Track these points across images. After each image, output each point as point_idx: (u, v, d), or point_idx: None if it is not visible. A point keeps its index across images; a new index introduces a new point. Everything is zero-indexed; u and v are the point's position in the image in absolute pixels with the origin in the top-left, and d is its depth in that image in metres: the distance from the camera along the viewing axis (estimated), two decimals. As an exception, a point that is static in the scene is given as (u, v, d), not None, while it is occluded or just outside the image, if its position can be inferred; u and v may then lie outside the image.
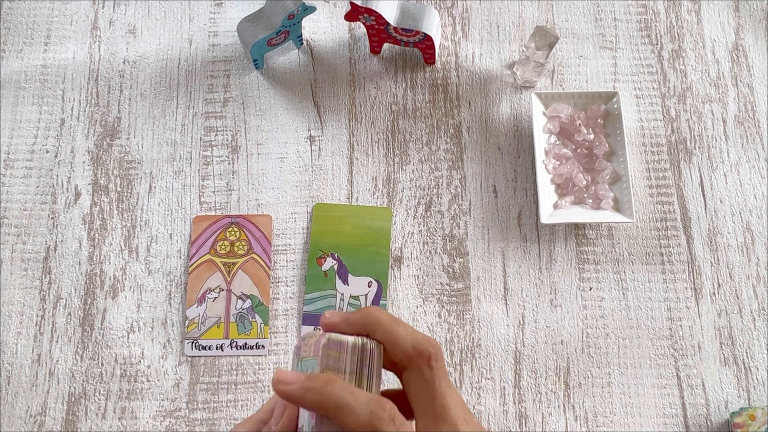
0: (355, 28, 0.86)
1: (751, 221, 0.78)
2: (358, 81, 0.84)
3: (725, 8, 0.87)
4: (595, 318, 0.75)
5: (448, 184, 0.79)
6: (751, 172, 0.80)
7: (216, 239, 0.77)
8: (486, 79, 0.84)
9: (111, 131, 0.82)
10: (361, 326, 0.39)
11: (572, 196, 0.77)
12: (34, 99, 0.83)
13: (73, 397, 0.72)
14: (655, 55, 0.84)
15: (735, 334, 0.74)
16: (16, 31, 0.86)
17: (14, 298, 0.75)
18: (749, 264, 0.76)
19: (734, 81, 0.83)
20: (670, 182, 0.79)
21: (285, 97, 0.83)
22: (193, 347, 0.74)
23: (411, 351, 0.38)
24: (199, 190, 0.79)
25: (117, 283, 0.76)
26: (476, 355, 0.73)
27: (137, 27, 0.86)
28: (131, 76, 0.84)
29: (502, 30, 0.86)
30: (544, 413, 0.71)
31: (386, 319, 0.39)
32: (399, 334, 0.39)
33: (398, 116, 0.82)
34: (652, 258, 0.77)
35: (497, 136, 0.81)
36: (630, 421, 0.71)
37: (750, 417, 0.68)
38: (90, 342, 0.74)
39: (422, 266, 0.76)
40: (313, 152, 0.81)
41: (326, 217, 0.78)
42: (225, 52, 0.85)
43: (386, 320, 0.39)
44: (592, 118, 0.79)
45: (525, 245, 0.77)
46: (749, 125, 0.82)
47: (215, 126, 0.82)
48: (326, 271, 0.76)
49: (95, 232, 0.78)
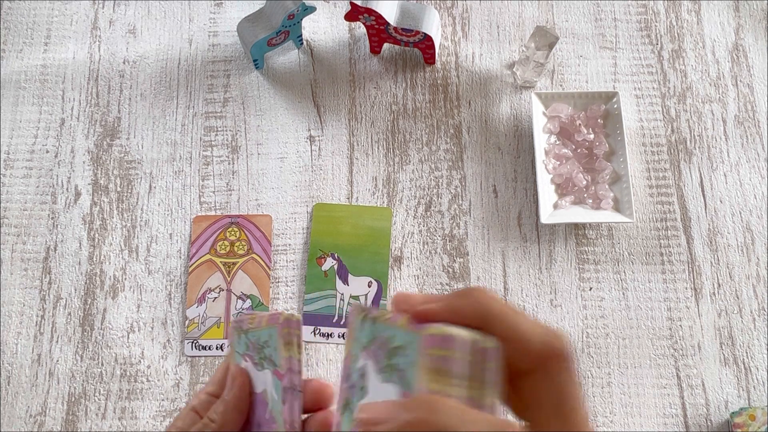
0: (355, 28, 0.86)
1: (751, 221, 0.78)
2: (358, 81, 0.84)
3: (725, 8, 0.87)
4: (595, 318, 0.75)
5: (448, 184, 0.79)
6: (751, 172, 0.80)
7: (216, 239, 0.77)
8: (486, 79, 0.84)
9: (111, 131, 0.82)
10: (471, 317, 0.30)
11: (572, 196, 0.77)
12: (34, 99, 0.83)
13: (73, 397, 0.72)
14: (655, 55, 0.84)
15: (735, 334, 0.74)
16: (16, 31, 0.86)
17: (14, 298, 0.75)
18: (749, 264, 0.76)
19: (734, 81, 0.83)
20: (670, 182, 0.79)
21: (285, 97, 0.83)
22: (193, 347, 0.74)
23: (541, 351, 0.30)
24: (199, 190, 0.79)
25: (117, 283, 0.76)
26: (476, 355, 0.73)
27: (137, 27, 0.86)
28: (131, 76, 0.84)
29: (502, 30, 0.86)
30: (544, 413, 0.71)
31: (504, 310, 0.30)
32: (524, 330, 0.30)
33: (398, 116, 0.82)
34: (652, 258, 0.76)
35: (497, 136, 0.81)
36: (630, 421, 0.71)
37: (750, 417, 0.68)
38: (90, 342, 0.74)
39: (422, 266, 0.76)
40: (313, 152, 0.81)
41: (326, 217, 0.78)
42: (225, 52, 0.85)
43: (505, 311, 0.30)
44: (592, 118, 0.79)
45: (525, 245, 0.77)
46: (749, 125, 0.81)
47: (215, 126, 0.82)
48: (326, 271, 0.76)
49: (95, 232, 0.78)
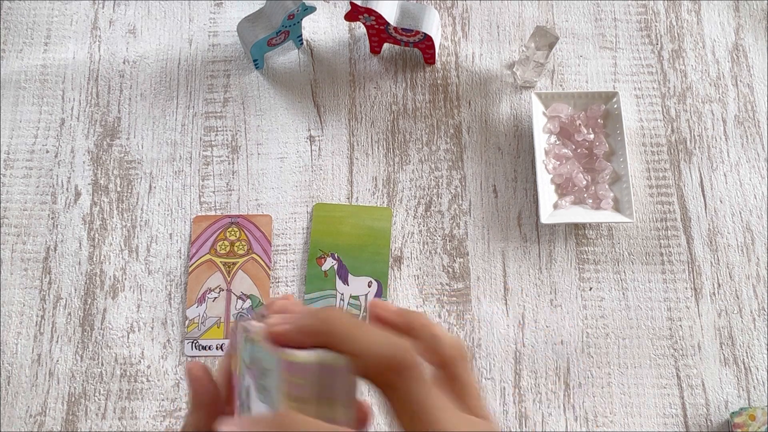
0: (355, 28, 0.86)
1: (751, 221, 0.78)
2: (358, 81, 0.84)
3: (725, 8, 0.87)
4: (595, 318, 0.75)
5: (448, 184, 0.79)
6: (751, 172, 0.80)
7: (216, 239, 0.77)
8: (486, 79, 0.84)
9: (111, 131, 0.82)
10: (318, 336, 0.30)
11: (572, 196, 0.77)
12: (34, 99, 0.83)
13: (73, 397, 0.72)
14: (655, 55, 0.84)
15: (735, 334, 0.74)
16: (16, 31, 0.86)
17: (14, 298, 0.75)
18: (749, 264, 0.76)
19: (734, 81, 0.83)
20: (670, 182, 0.79)
21: (285, 97, 0.83)
22: (193, 347, 0.74)
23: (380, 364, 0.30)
24: (199, 190, 0.79)
25: (117, 283, 0.76)
26: (476, 355, 0.73)
27: (137, 27, 0.86)
28: (131, 76, 0.84)
29: (502, 30, 0.86)
30: (544, 413, 0.71)
31: (347, 327, 0.30)
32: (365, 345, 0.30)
33: (398, 116, 0.82)
34: (652, 258, 0.76)
35: (497, 136, 0.81)
36: (630, 421, 0.71)
37: (750, 417, 0.68)
38: (90, 342, 0.74)
39: (422, 266, 0.76)
40: (313, 152, 0.81)
41: (326, 217, 0.78)
42: (225, 52, 0.85)
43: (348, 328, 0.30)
44: (592, 118, 0.79)
45: (525, 245, 0.77)
46: (749, 125, 0.81)
47: (215, 126, 0.82)
48: (326, 271, 0.76)
49: (95, 232, 0.78)
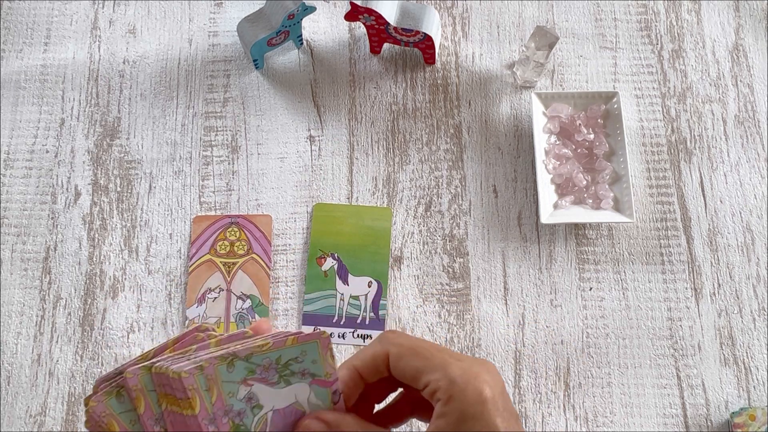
0: (355, 28, 0.86)
1: (751, 221, 0.78)
2: (358, 81, 0.84)
3: (725, 8, 0.87)
4: (595, 318, 0.75)
5: (448, 184, 0.79)
6: (751, 172, 0.80)
7: (216, 239, 0.77)
8: (486, 79, 0.84)
9: (111, 131, 0.82)
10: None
11: (572, 196, 0.77)
12: (34, 99, 0.83)
13: (73, 397, 0.72)
14: (655, 55, 0.84)
15: (735, 334, 0.74)
16: (16, 31, 0.86)
17: (14, 298, 0.75)
18: (749, 264, 0.76)
19: (734, 81, 0.83)
20: (670, 182, 0.79)
21: (285, 97, 0.83)
22: (193, 347, 0.73)
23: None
24: (199, 190, 0.79)
25: (117, 283, 0.76)
26: (476, 355, 0.73)
27: (137, 27, 0.86)
28: (131, 76, 0.84)
29: (502, 30, 0.86)
30: (544, 413, 0.71)
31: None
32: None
33: (398, 116, 0.82)
34: (652, 258, 0.76)
35: (497, 136, 0.81)
36: (630, 421, 0.71)
37: (750, 417, 0.68)
38: (90, 342, 0.74)
39: (422, 266, 0.76)
40: (313, 152, 0.81)
41: (326, 217, 0.78)
42: (225, 52, 0.85)
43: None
44: (592, 118, 0.79)
45: (525, 245, 0.77)
46: (749, 125, 0.82)
47: (215, 126, 0.82)
48: (326, 271, 0.76)
49: (95, 232, 0.78)
